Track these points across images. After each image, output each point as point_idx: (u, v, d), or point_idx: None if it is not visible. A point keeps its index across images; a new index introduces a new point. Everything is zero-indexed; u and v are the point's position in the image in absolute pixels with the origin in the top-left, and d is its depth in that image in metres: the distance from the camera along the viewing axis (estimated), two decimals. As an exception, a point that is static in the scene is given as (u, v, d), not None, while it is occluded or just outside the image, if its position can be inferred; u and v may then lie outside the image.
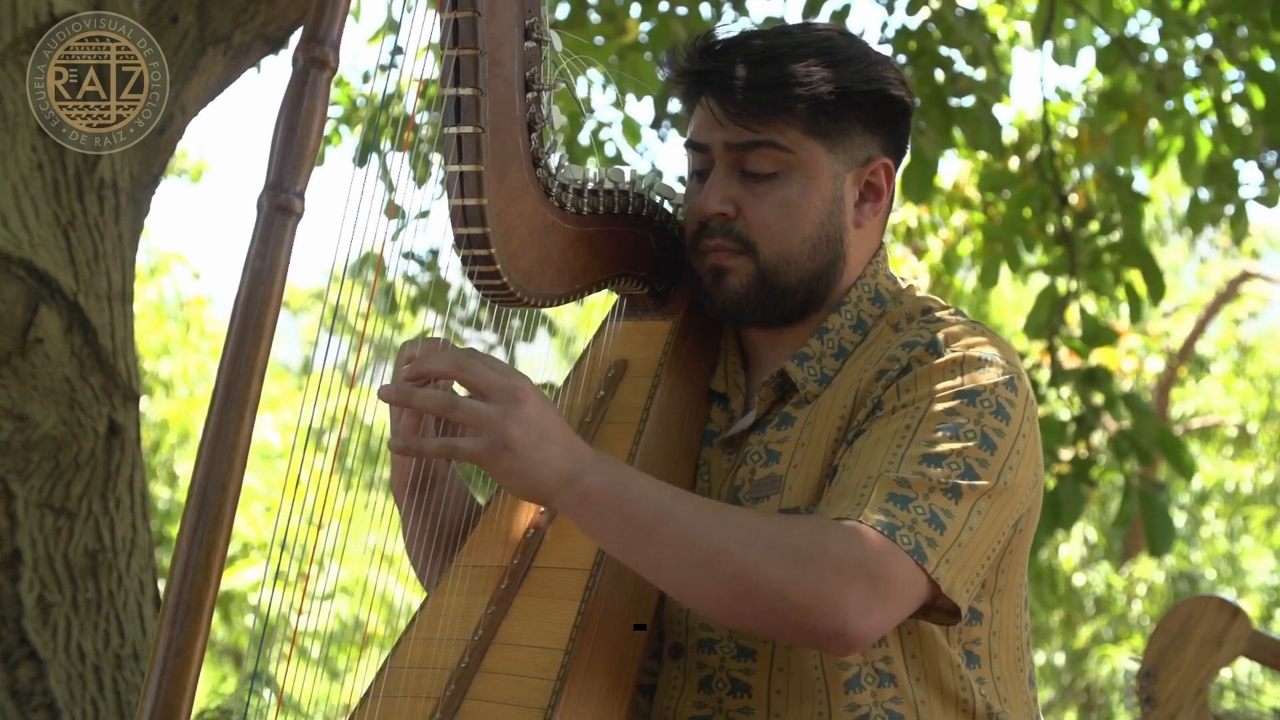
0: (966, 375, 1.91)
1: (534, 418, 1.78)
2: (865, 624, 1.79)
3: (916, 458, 1.85)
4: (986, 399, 1.90)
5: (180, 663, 1.55)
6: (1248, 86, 5.91)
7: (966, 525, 1.85)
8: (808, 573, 1.78)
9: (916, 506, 1.83)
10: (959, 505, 1.84)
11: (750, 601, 1.79)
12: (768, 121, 1.98)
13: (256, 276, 1.58)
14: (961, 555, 1.85)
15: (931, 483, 1.84)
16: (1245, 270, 15.43)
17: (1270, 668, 3.20)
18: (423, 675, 1.90)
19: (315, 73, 1.61)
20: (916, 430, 1.88)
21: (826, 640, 1.82)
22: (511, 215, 1.89)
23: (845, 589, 1.78)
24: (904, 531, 1.81)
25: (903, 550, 1.80)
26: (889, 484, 1.84)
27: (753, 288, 2.01)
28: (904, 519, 1.81)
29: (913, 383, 1.92)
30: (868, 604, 1.78)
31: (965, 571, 1.86)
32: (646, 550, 1.81)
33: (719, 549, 1.79)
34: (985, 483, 1.86)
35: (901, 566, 1.80)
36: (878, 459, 1.87)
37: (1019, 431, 1.91)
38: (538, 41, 1.91)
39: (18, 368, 3.27)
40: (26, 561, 3.29)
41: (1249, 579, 15.07)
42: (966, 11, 5.99)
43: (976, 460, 1.87)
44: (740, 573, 1.78)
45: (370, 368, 2.06)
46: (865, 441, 1.90)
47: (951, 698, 1.96)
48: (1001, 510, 1.89)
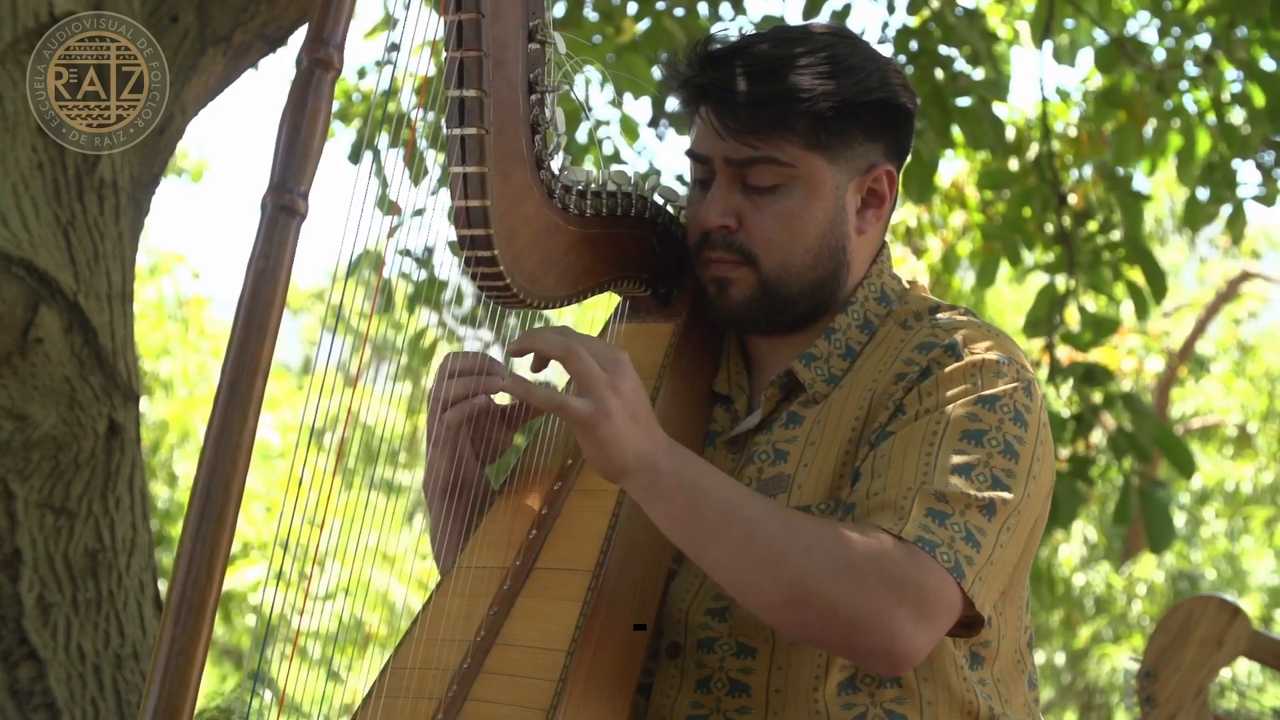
0: (985, 378, 1.93)
1: (631, 393, 1.82)
2: (913, 644, 1.82)
3: (948, 469, 1.87)
4: (1005, 404, 1.92)
5: (183, 662, 1.54)
6: (1246, 86, 5.91)
7: (998, 544, 1.87)
8: (861, 587, 1.80)
9: (953, 524, 1.84)
10: (991, 523, 1.86)
11: (802, 609, 1.81)
12: (768, 137, 1.97)
13: (260, 276, 1.58)
14: (991, 572, 1.87)
15: (968, 499, 1.85)
16: (1245, 270, 15.44)
17: (1270, 668, 3.20)
18: (425, 676, 1.90)
19: (319, 74, 1.61)
20: (943, 437, 1.89)
21: (873, 656, 1.84)
22: (515, 217, 1.89)
23: (894, 607, 1.80)
24: (944, 549, 1.83)
25: (944, 568, 1.82)
26: (928, 498, 1.85)
27: (755, 299, 2.02)
28: (943, 536, 1.83)
29: (934, 386, 1.93)
30: (915, 624, 1.81)
31: (992, 587, 1.89)
32: (710, 543, 1.83)
33: (778, 551, 1.81)
34: (1013, 497, 1.88)
35: (944, 585, 1.82)
36: (910, 468, 1.88)
37: (1037, 438, 1.93)
38: (541, 44, 1.91)
39: (18, 368, 3.27)
40: (26, 561, 3.29)
41: (1249, 579, 15.08)
42: (966, 11, 5.99)
43: (1003, 471, 1.88)
44: (797, 579, 1.80)
45: (370, 367, 2.06)
46: (892, 447, 1.91)
47: (958, 699, 1.96)
48: (1025, 523, 1.92)
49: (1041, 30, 6.20)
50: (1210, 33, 6.03)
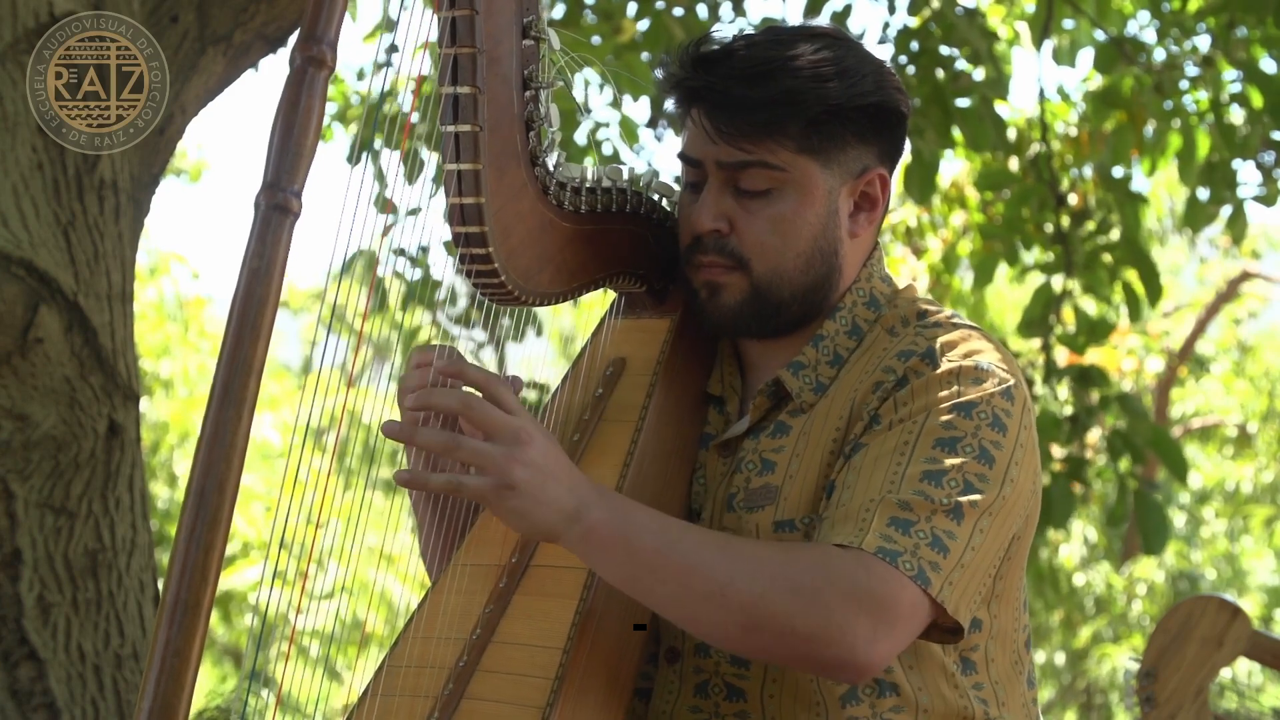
0: (962, 386, 1.91)
1: (538, 458, 1.79)
2: (873, 652, 1.80)
3: (916, 476, 1.85)
4: (983, 410, 1.90)
5: (178, 663, 1.54)
6: (1246, 86, 5.91)
7: (969, 546, 1.85)
8: (814, 604, 1.79)
9: (918, 530, 1.83)
10: (961, 526, 1.85)
11: (758, 633, 1.81)
12: (760, 141, 1.96)
13: (254, 276, 1.58)
14: (964, 576, 1.85)
15: (934, 504, 1.84)
16: (1245, 270, 15.42)
17: (1270, 668, 3.20)
18: (421, 674, 1.90)
19: (313, 72, 1.61)
20: (915, 446, 1.88)
21: (836, 669, 1.83)
22: (509, 214, 1.89)
23: (851, 619, 1.79)
24: (906, 558, 1.81)
25: (905, 576, 1.80)
26: (890, 507, 1.84)
27: (746, 303, 2.01)
28: (906, 544, 1.82)
29: (909, 396, 1.92)
30: (874, 632, 1.80)
31: (969, 591, 1.87)
32: (652, 584, 1.82)
33: (723, 581, 1.80)
34: (985, 498, 1.86)
35: (905, 593, 1.81)
36: (878, 479, 1.87)
37: (1016, 442, 1.91)
38: (535, 39, 1.90)
39: (18, 368, 3.27)
40: (26, 561, 3.29)
41: (1249, 579, 15.07)
42: (966, 11, 5.99)
43: (976, 475, 1.87)
44: (746, 605, 1.79)
45: (370, 367, 2.06)
46: (864, 459, 1.90)
47: (949, 706, 1.96)
48: (1003, 525, 1.90)
49: (1041, 30, 6.20)
50: (1210, 33, 6.03)
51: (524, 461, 1.78)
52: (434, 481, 1.82)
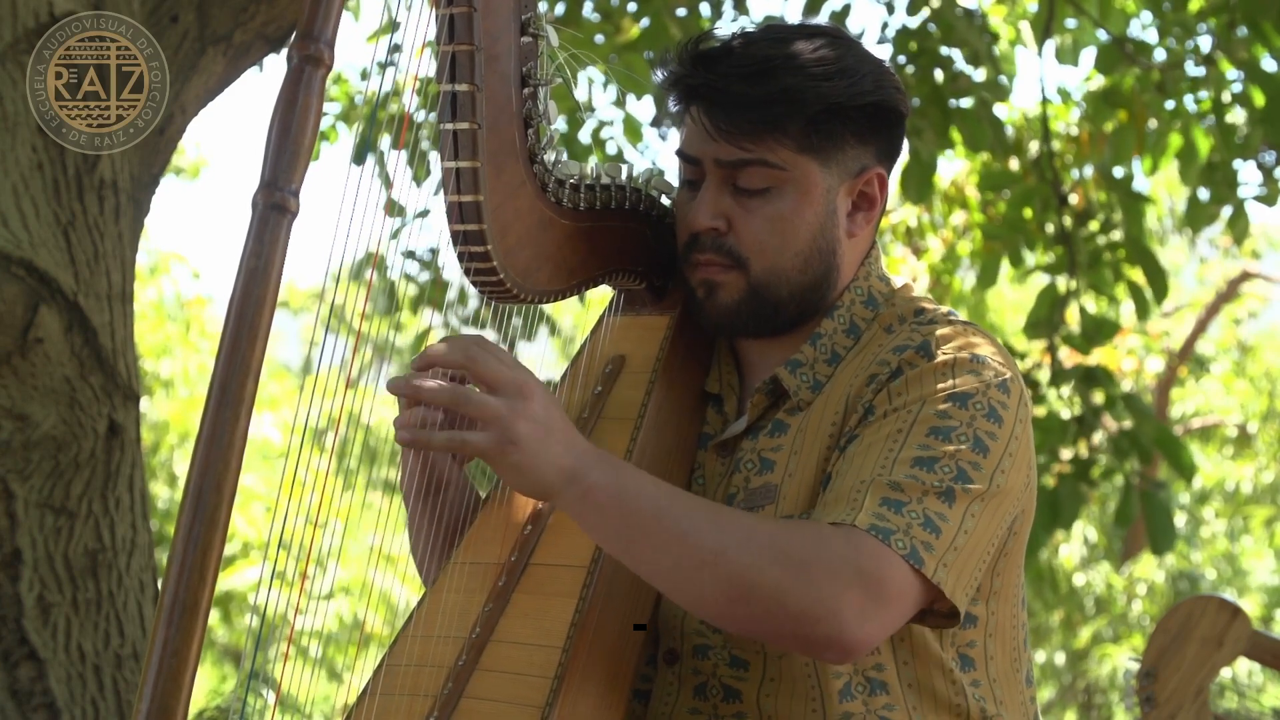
0: (958, 378, 1.91)
1: (540, 413, 1.79)
2: (862, 630, 1.79)
3: (909, 461, 1.85)
4: (979, 401, 1.90)
5: (176, 664, 1.54)
6: (1247, 86, 5.90)
7: (961, 529, 1.84)
8: (804, 577, 1.77)
9: (910, 511, 1.82)
10: (952, 508, 1.84)
11: (746, 604, 1.79)
12: (759, 139, 1.95)
13: (251, 275, 1.57)
14: (958, 559, 1.84)
15: (925, 486, 1.83)
16: (1245, 270, 15.43)
17: (1270, 668, 3.20)
18: (420, 673, 1.90)
19: (310, 70, 1.60)
20: (909, 434, 1.87)
21: (823, 646, 1.81)
22: (508, 211, 1.89)
23: (841, 595, 1.77)
24: (898, 536, 1.80)
25: (898, 555, 1.79)
26: (882, 488, 1.83)
27: (744, 302, 2.00)
28: (898, 523, 1.81)
29: (904, 386, 1.91)
30: (864, 610, 1.78)
31: (964, 574, 1.86)
32: (644, 549, 1.81)
33: (715, 550, 1.79)
34: (978, 486, 1.86)
35: (897, 571, 1.80)
36: (870, 463, 1.86)
37: (1011, 434, 1.91)
38: (534, 36, 1.90)
39: (18, 368, 3.27)
40: (26, 561, 3.29)
41: (1249, 579, 15.08)
42: (966, 11, 5.98)
43: (969, 464, 1.86)
44: (736, 574, 1.78)
45: (370, 368, 2.06)
46: (857, 447, 1.89)
47: (945, 703, 1.96)
48: (995, 513, 1.89)
49: (1042, 30, 6.20)
50: (1211, 33, 6.03)
51: (526, 415, 1.77)
52: (436, 439, 1.82)
